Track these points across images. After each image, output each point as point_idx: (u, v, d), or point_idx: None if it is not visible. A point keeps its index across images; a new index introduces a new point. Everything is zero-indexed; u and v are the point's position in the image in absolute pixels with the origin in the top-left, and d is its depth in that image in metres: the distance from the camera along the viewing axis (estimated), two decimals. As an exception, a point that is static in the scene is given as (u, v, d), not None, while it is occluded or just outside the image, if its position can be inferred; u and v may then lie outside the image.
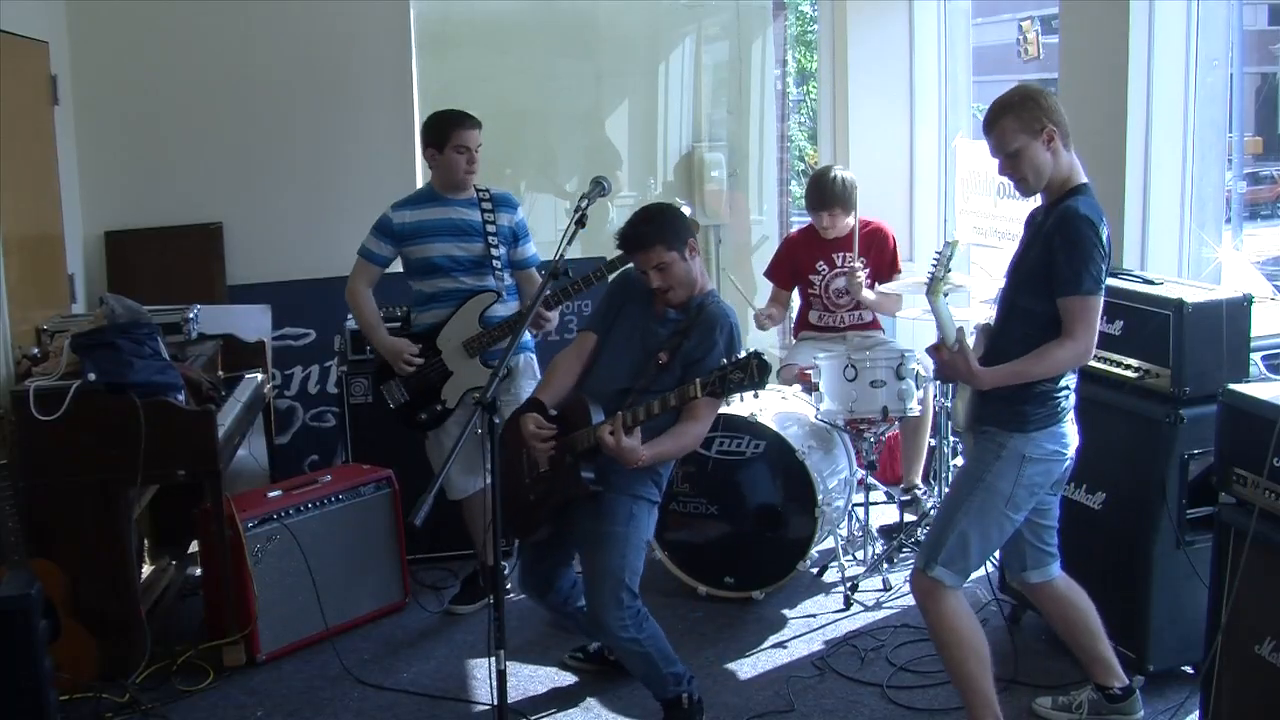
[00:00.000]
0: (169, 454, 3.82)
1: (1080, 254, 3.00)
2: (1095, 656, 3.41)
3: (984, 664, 3.20)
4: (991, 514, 3.14)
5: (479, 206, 4.32)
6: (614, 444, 3.23)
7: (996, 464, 3.13)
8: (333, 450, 5.56)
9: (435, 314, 4.32)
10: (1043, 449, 3.14)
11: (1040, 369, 3.04)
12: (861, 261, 4.98)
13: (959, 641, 3.17)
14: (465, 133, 4.24)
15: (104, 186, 5.47)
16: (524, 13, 6.43)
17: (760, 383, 3.10)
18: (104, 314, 4.04)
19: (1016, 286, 3.21)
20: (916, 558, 3.27)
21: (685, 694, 3.51)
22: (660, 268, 3.45)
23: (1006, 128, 3.09)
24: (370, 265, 4.33)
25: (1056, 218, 3.08)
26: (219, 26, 5.55)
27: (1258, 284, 4.90)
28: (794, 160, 9.14)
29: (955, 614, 3.17)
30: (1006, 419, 3.13)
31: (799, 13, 9.35)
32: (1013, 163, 3.12)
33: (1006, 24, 6.35)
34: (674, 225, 3.50)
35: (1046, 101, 3.10)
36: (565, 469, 3.42)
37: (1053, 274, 3.04)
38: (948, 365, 3.14)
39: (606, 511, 3.44)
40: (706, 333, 3.48)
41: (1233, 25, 4.61)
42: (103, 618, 3.84)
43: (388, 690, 3.92)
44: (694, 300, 3.55)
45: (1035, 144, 3.08)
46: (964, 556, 3.15)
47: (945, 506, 3.25)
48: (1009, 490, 3.12)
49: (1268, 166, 8.37)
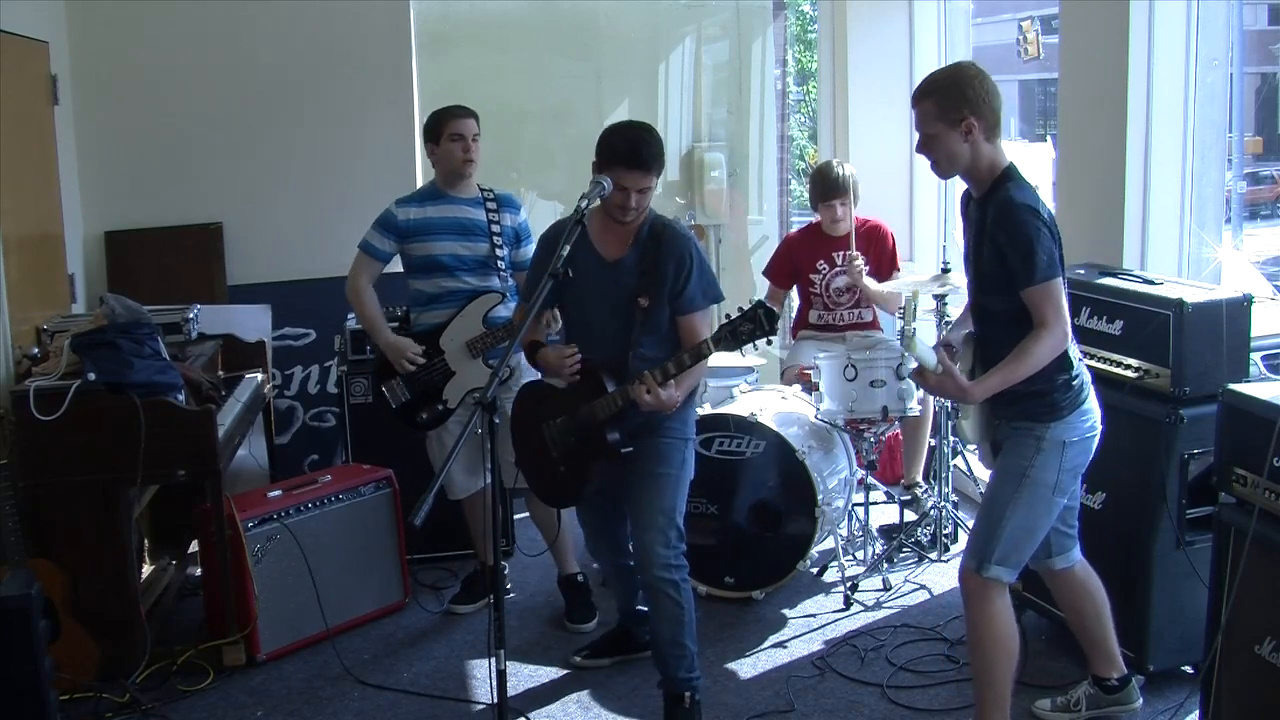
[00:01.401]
0: (169, 454, 3.82)
1: (1026, 244, 2.98)
2: (1101, 646, 3.42)
3: (1012, 668, 3.22)
4: (1040, 505, 3.15)
5: (484, 206, 4.33)
6: (655, 399, 3.32)
7: (1038, 457, 3.12)
8: (333, 450, 5.57)
9: (438, 314, 4.32)
10: (1078, 430, 3.15)
11: (1025, 368, 3.01)
12: (862, 260, 4.99)
13: (998, 643, 3.19)
14: (458, 121, 4.25)
15: (104, 186, 5.48)
16: (524, 13, 6.43)
17: (770, 329, 3.16)
18: (104, 314, 4.04)
19: (981, 290, 3.21)
20: (965, 559, 3.23)
21: (690, 691, 3.52)
22: (644, 192, 3.43)
23: (926, 111, 3.09)
24: (371, 260, 4.32)
25: (994, 213, 3.06)
26: (219, 26, 5.55)
27: (1258, 284, 4.90)
28: (794, 160, 9.14)
29: (1003, 614, 3.19)
30: (1039, 412, 3.13)
31: (799, 12, 9.36)
32: (928, 144, 3.13)
33: (1006, 24, 6.35)
34: (664, 153, 3.50)
35: (974, 90, 3.05)
36: (592, 436, 3.46)
37: (1008, 270, 3.02)
38: (936, 387, 3.17)
39: (664, 454, 3.52)
40: (678, 260, 3.47)
41: (1233, 25, 4.61)
42: (103, 618, 3.84)
43: (388, 690, 3.92)
44: (642, 229, 3.52)
45: (952, 133, 3.06)
46: (1017, 551, 3.16)
47: (989, 505, 3.22)
48: (1054, 479, 3.14)
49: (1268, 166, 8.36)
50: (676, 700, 3.52)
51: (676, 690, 3.52)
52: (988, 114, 3.06)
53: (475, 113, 4.32)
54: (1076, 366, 3.15)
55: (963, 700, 3.70)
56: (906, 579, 4.62)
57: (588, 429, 3.46)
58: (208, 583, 4.13)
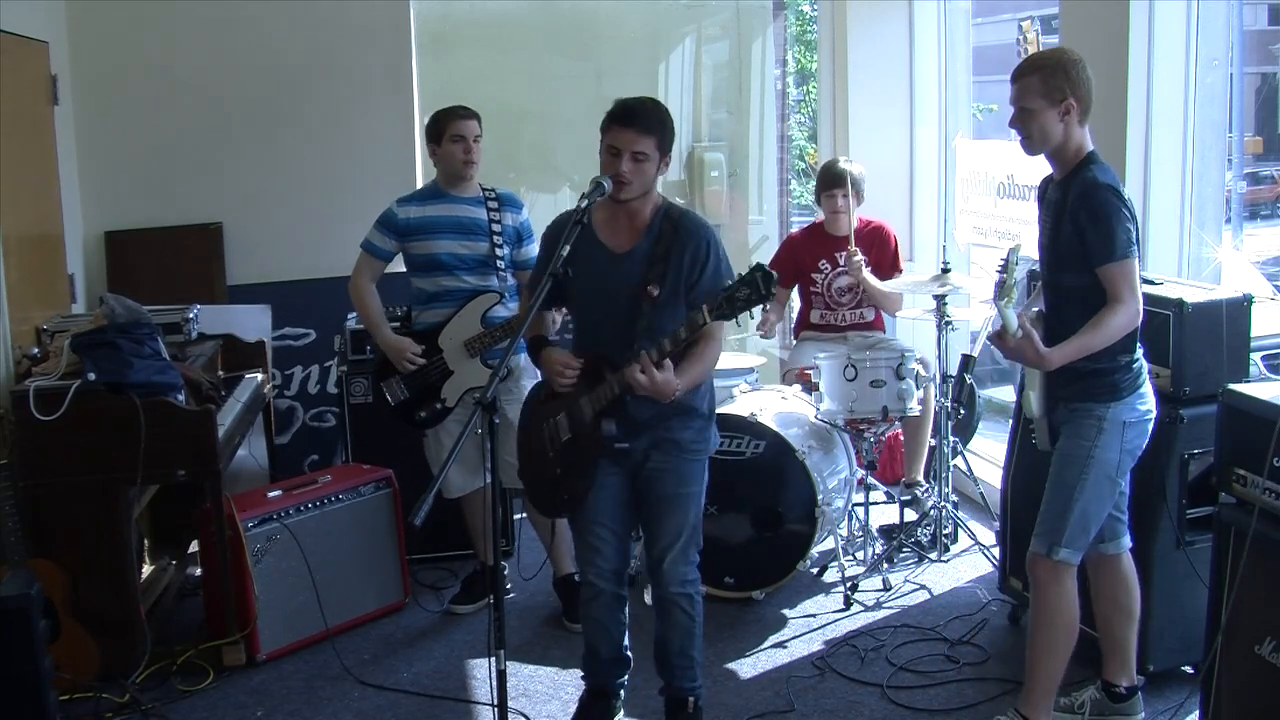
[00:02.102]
0: (169, 454, 3.82)
1: (1107, 221, 3.05)
2: (1122, 649, 3.43)
3: (1069, 652, 3.30)
4: (1103, 486, 3.21)
5: (485, 205, 4.33)
6: (649, 380, 3.10)
7: (1100, 437, 3.18)
8: (333, 450, 5.56)
9: (437, 313, 4.32)
10: (1137, 412, 3.21)
11: (1100, 338, 3.07)
12: (862, 255, 4.99)
13: (1065, 624, 3.26)
14: (459, 122, 4.25)
15: (104, 186, 5.48)
16: (524, 13, 6.43)
17: (768, 294, 2.99)
18: (104, 314, 4.03)
19: (1056, 267, 3.25)
20: (1035, 544, 3.27)
21: (694, 697, 3.51)
22: (637, 157, 3.20)
23: (1030, 85, 3.14)
24: (373, 259, 4.33)
25: (1078, 191, 3.12)
26: (219, 27, 5.55)
27: (1258, 284, 4.89)
28: (794, 160, 9.13)
29: (1070, 595, 3.25)
30: (1100, 392, 3.18)
31: (799, 13, 9.35)
32: (1024, 118, 3.17)
33: (1006, 24, 6.34)
34: (670, 128, 3.30)
35: (1077, 73, 3.13)
36: (587, 430, 3.33)
37: (1087, 247, 3.08)
38: (1014, 351, 3.14)
39: (689, 474, 3.40)
40: (694, 249, 3.26)
41: (1233, 25, 4.61)
42: (103, 618, 3.83)
43: (388, 690, 3.92)
44: (655, 218, 3.32)
45: (1051, 111, 3.12)
46: (1084, 533, 3.22)
47: (1055, 489, 3.25)
48: (1116, 459, 3.19)
49: (1268, 166, 8.35)
50: (680, 705, 3.52)
51: (680, 696, 3.52)
52: (1085, 98, 3.14)
53: (477, 114, 4.32)
54: (1138, 350, 3.21)
55: (963, 700, 3.70)
56: (906, 579, 4.62)
57: (584, 420, 3.32)
58: (208, 583, 4.13)
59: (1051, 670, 3.29)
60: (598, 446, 3.33)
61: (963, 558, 4.79)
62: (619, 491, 3.42)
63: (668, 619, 3.48)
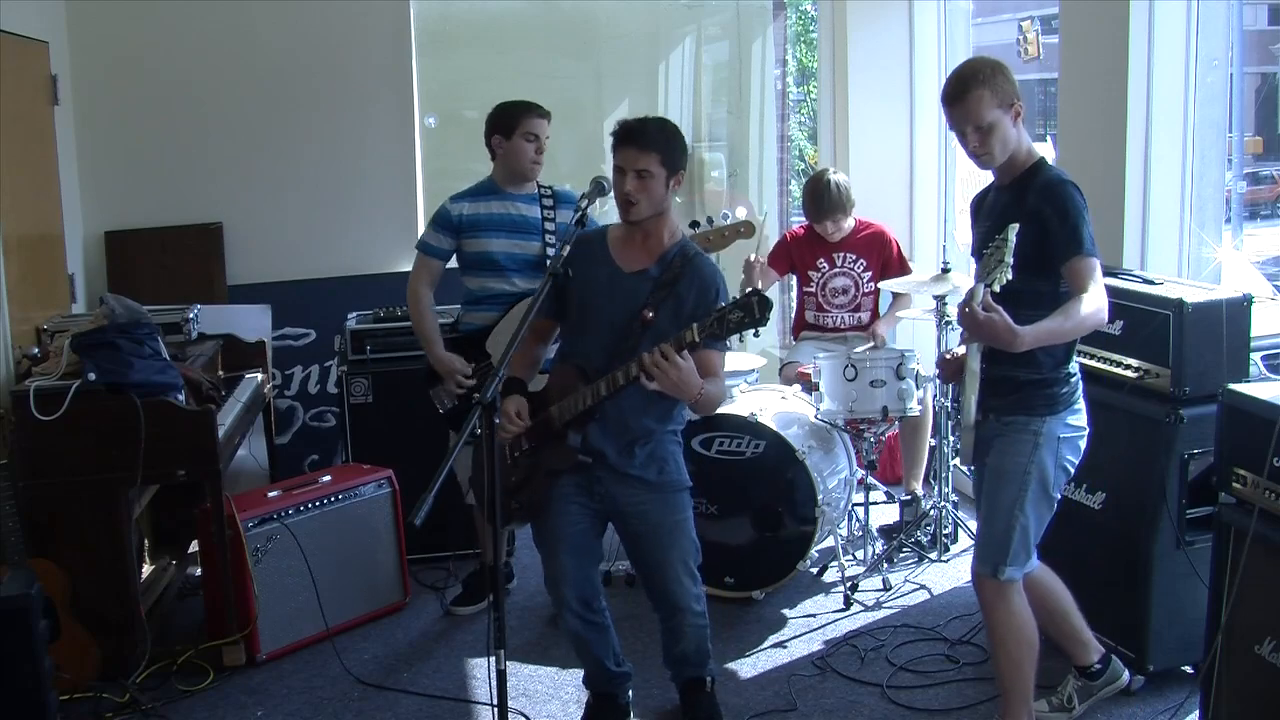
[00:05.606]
0: (169, 454, 3.82)
1: (1077, 217, 3.02)
2: (1075, 637, 3.45)
3: (1035, 660, 3.27)
4: (1042, 503, 3.19)
5: (539, 203, 4.25)
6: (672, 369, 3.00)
7: (1036, 452, 3.15)
8: (333, 450, 5.57)
9: (484, 316, 4.26)
10: (1071, 427, 3.19)
11: (1072, 324, 2.99)
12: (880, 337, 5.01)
13: (1021, 640, 3.23)
14: (536, 120, 4.19)
15: (104, 186, 5.48)
16: (524, 13, 6.43)
17: (762, 319, 2.88)
18: (104, 314, 4.04)
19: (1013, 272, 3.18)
20: (977, 565, 3.25)
21: (710, 676, 3.57)
22: (642, 175, 3.19)
23: (982, 99, 3.05)
24: (430, 260, 4.25)
25: (1039, 191, 3.08)
26: (219, 27, 5.55)
27: (1258, 284, 4.89)
28: (794, 160, 9.12)
29: (1021, 610, 3.23)
30: (1036, 404, 3.15)
31: (799, 12, 9.34)
32: (984, 136, 3.08)
33: (1006, 24, 6.34)
34: (677, 145, 3.27)
35: (1011, 76, 3.11)
36: (552, 440, 3.30)
37: (1051, 243, 3.03)
38: (984, 325, 2.94)
39: (672, 504, 3.38)
40: (702, 287, 3.24)
41: (1233, 25, 4.60)
42: (103, 618, 3.83)
43: (388, 690, 3.92)
44: (671, 249, 3.31)
45: (1006, 118, 3.08)
46: (1026, 550, 3.20)
47: (993, 508, 3.21)
48: (1051, 473, 3.17)
49: (1268, 166, 8.34)
50: (698, 685, 3.55)
51: (698, 677, 3.55)
52: (1020, 100, 3.12)
53: (551, 114, 4.24)
54: (1074, 363, 3.20)
55: (963, 700, 3.70)
56: (906, 579, 4.62)
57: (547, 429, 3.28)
58: (208, 583, 4.13)
59: (1022, 681, 3.26)
60: (559, 457, 3.30)
61: (963, 558, 4.79)
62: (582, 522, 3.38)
63: (679, 634, 3.48)
